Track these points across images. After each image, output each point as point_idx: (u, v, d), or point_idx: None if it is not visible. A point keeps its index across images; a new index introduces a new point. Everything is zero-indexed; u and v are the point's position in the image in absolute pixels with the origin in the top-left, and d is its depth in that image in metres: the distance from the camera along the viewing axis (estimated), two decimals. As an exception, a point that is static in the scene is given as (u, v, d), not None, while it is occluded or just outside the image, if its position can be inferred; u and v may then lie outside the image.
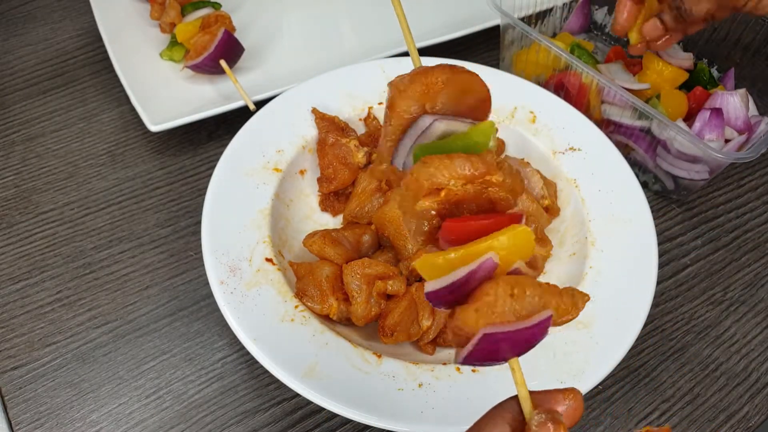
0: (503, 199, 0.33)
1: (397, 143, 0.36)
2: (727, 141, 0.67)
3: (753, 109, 0.70)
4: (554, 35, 0.84)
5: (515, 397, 0.32)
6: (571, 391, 0.31)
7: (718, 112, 0.66)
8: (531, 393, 0.31)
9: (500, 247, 0.31)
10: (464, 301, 0.31)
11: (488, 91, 0.36)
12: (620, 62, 0.74)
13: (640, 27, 0.67)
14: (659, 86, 0.71)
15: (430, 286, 0.32)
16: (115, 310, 0.59)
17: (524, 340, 0.30)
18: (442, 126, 0.34)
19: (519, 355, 0.31)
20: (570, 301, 0.31)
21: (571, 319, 0.31)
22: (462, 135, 0.34)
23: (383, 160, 0.38)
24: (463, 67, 0.35)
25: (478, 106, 0.36)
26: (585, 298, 0.31)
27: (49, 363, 0.56)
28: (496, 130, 0.35)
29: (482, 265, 0.30)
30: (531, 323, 0.30)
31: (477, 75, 0.35)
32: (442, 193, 0.32)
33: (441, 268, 0.31)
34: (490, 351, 0.30)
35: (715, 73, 0.76)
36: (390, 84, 0.36)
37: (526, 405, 0.31)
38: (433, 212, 0.32)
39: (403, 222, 0.35)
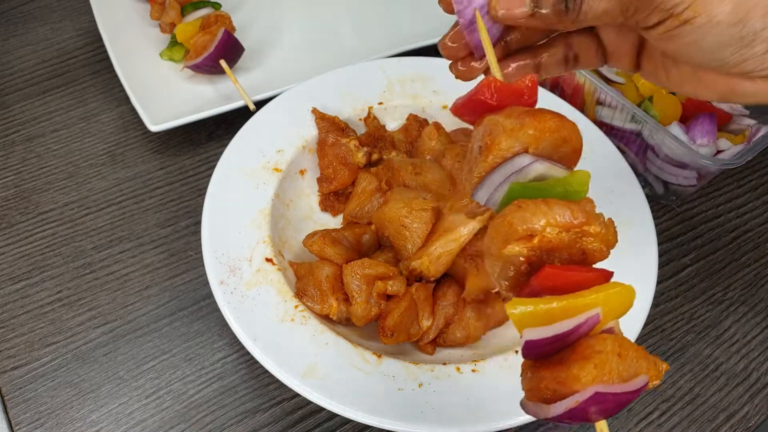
0: (597, 251, 0.32)
1: (484, 177, 0.34)
2: (719, 152, 0.66)
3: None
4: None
5: None
6: None
7: (710, 117, 0.66)
8: None
9: (604, 303, 0.30)
10: (560, 354, 0.30)
11: (582, 142, 0.35)
12: None
13: None
14: (656, 87, 0.71)
15: (531, 334, 0.30)
16: (115, 310, 0.59)
17: (622, 403, 0.29)
18: (540, 168, 0.33)
19: (608, 417, 0.30)
20: (655, 368, 0.30)
21: (654, 386, 0.30)
22: (561, 180, 0.33)
23: (465, 193, 0.36)
24: (566, 118, 0.34)
25: (571, 155, 0.35)
26: (665, 366, 0.31)
27: (49, 363, 0.56)
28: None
29: (588, 320, 0.29)
30: (632, 387, 0.29)
31: (577, 126, 0.34)
32: (536, 240, 0.30)
33: (539, 317, 0.30)
34: (590, 410, 0.29)
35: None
36: (491, 121, 0.34)
37: None
38: (522, 258, 0.31)
39: (487, 266, 0.33)
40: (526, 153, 0.33)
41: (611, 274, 0.31)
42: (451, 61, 0.43)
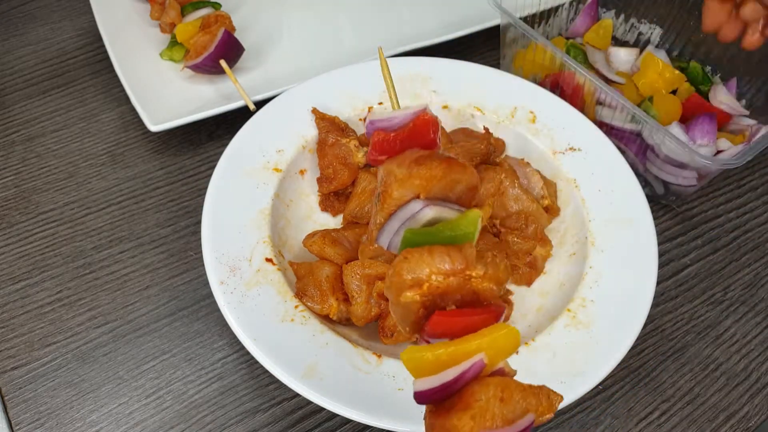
0: (487, 290, 0.33)
1: (384, 224, 0.36)
2: (719, 152, 0.66)
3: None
4: (560, 36, 0.84)
5: None
6: None
7: (710, 117, 0.66)
8: None
9: (488, 347, 0.31)
10: (451, 400, 0.31)
11: (478, 180, 0.37)
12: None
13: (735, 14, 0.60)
14: (656, 87, 0.71)
15: (420, 385, 0.32)
16: (115, 310, 0.59)
17: None
18: (431, 213, 0.35)
19: None
20: (546, 402, 0.31)
21: (547, 420, 0.31)
22: (450, 223, 0.35)
23: (372, 239, 0.38)
24: (455, 159, 0.35)
25: (466, 194, 0.37)
26: (559, 398, 0.32)
27: (49, 363, 0.56)
28: (484, 216, 0.36)
29: (473, 366, 0.31)
30: (517, 428, 0.30)
31: (470, 166, 0.36)
32: (425, 287, 0.32)
33: (429, 364, 0.31)
34: None
35: (709, 74, 0.76)
36: (386, 170, 0.36)
37: None
38: (417, 303, 0.33)
39: (390, 309, 0.35)
40: (418, 199, 0.35)
41: (502, 311, 0.33)
42: None
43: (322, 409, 0.53)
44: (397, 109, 0.38)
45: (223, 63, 0.72)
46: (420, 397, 0.32)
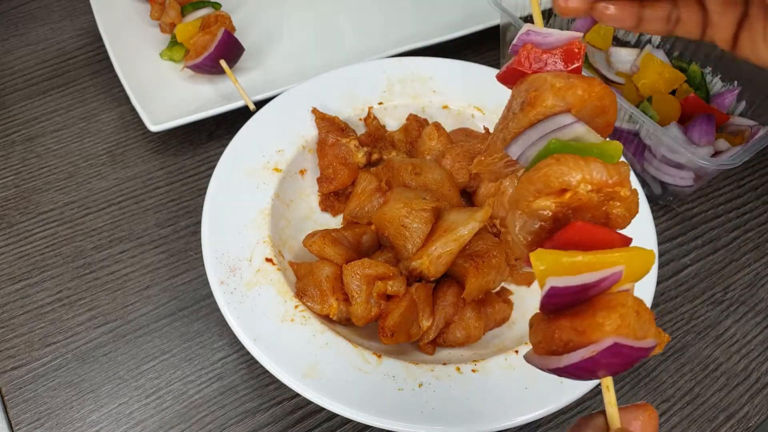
0: (620, 217, 0.31)
1: (520, 133, 0.34)
2: (717, 153, 0.66)
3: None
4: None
5: (601, 413, 0.31)
6: (646, 407, 0.30)
7: (709, 118, 0.65)
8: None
9: (627, 262, 0.30)
10: (580, 306, 0.30)
11: (617, 115, 0.35)
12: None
13: None
14: (656, 88, 0.71)
15: (556, 281, 0.30)
16: (115, 310, 0.59)
17: (631, 360, 0.29)
18: (580, 130, 0.32)
19: (615, 374, 0.30)
20: (659, 336, 0.30)
21: (656, 353, 0.30)
22: (597, 144, 0.33)
23: (495, 149, 0.35)
24: (611, 89, 0.34)
25: (604, 127, 0.35)
26: (667, 337, 0.31)
27: (49, 363, 0.56)
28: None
29: (611, 276, 0.29)
30: (644, 345, 0.29)
31: (616, 97, 0.34)
32: (567, 195, 0.30)
33: (564, 268, 0.29)
34: (602, 363, 0.29)
35: (708, 76, 0.76)
36: (539, 78, 0.33)
37: (614, 422, 0.30)
38: (549, 213, 0.30)
39: (508, 219, 0.32)
40: (569, 113, 0.33)
41: (631, 239, 0.31)
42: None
43: (322, 409, 0.53)
44: (542, 26, 0.36)
45: (223, 63, 0.72)
46: (553, 294, 0.30)
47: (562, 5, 0.43)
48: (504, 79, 0.37)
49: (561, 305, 0.31)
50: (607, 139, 0.34)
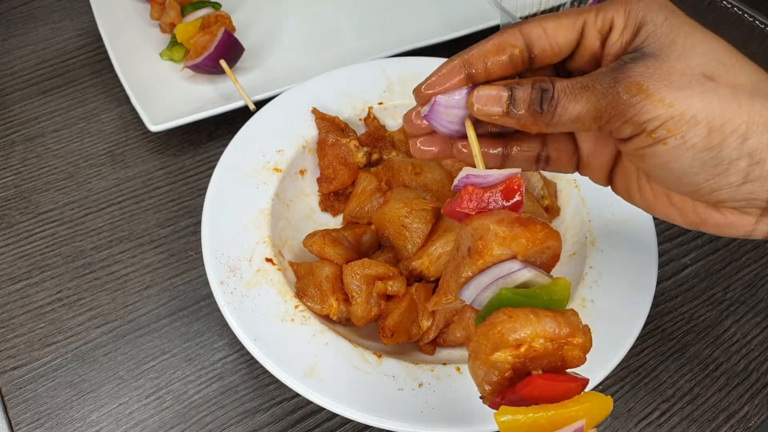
0: (576, 358, 0.33)
1: (471, 278, 0.35)
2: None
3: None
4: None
5: None
6: None
7: None
8: None
9: (587, 414, 0.31)
10: None
11: (560, 249, 0.36)
12: None
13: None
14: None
15: None
16: (115, 310, 0.59)
17: None
18: (527, 275, 0.34)
19: None
20: None
21: None
22: (545, 287, 0.34)
23: (449, 290, 0.37)
24: (550, 226, 0.35)
25: (550, 261, 0.37)
26: None
27: (49, 363, 0.56)
28: None
29: (574, 431, 0.30)
30: None
31: (559, 234, 0.36)
32: (523, 348, 0.32)
33: (527, 427, 0.31)
34: None
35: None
36: (482, 225, 0.35)
37: None
38: (507, 365, 0.32)
39: (470, 368, 0.35)
40: (515, 259, 0.35)
41: (587, 381, 0.33)
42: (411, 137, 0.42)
43: (322, 409, 0.53)
44: (482, 168, 0.37)
45: (223, 63, 0.72)
46: None
47: (417, 155, 0.42)
48: (449, 214, 0.38)
49: None
50: (553, 276, 0.35)
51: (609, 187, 0.42)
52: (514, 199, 0.36)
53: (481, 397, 0.35)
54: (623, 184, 0.41)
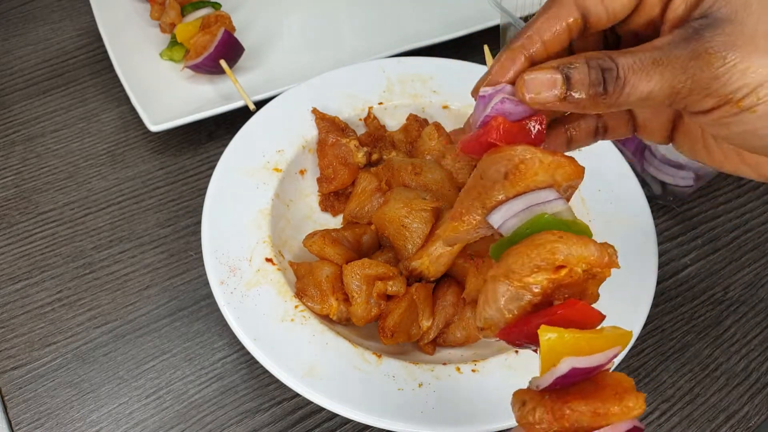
0: (593, 295, 0.33)
1: (504, 202, 0.34)
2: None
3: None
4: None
5: None
6: None
7: None
8: None
9: (617, 341, 0.31)
10: (582, 385, 0.30)
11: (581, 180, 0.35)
12: None
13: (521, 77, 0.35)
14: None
15: (578, 362, 0.30)
16: (115, 310, 0.59)
17: None
18: (560, 206, 0.33)
19: None
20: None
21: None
22: (576, 222, 0.33)
23: (471, 213, 0.35)
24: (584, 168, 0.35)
25: (568, 198, 0.36)
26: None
27: (49, 363, 0.56)
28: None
29: (612, 356, 0.30)
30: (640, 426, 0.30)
31: (582, 167, 0.34)
32: (563, 272, 0.30)
33: (579, 348, 0.30)
34: None
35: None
36: (527, 150, 0.33)
37: None
38: (539, 288, 0.31)
39: (490, 290, 0.33)
40: (552, 188, 0.34)
41: (605, 317, 0.32)
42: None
43: (322, 409, 0.53)
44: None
45: (223, 63, 0.72)
46: (570, 376, 0.30)
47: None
48: (468, 148, 0.37)
49: (568, 384, 0.30)
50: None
51: (670, 144, 0.40)
52: (539, 127, 0.35)
53: (482, 329, 0.33)
54: (687, 144, 0.39)
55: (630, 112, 0.40)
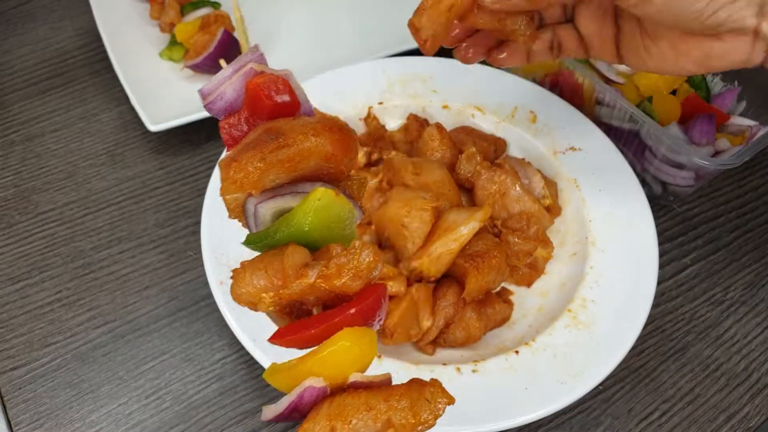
0: (346, 287, 0.29)
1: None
2: (718, 152, 0.66)
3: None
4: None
5: None
6: None
7: (709, 118, 0.65)
8: None
9: (321, 368, 0.28)
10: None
11: (338, 141, 0.31)
12: None
13: None
14: (657, 87, 0.71)
15: (269, 412, 0.29)
16: (114, 310, 0.59)
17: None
18: (271, 206, 0.30)
19: None
20: (415, 410, 0.27)
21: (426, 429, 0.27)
22: (286, 218, 0.30)
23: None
24: (284, 139, 0.30)
25: (333, 161, 0.31)
26: (445, 401, 0.27)
27: (49, 363, 0.56)
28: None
29: (305, 393, 0.28)
30: None
31: (321, 135, 0.30)
32: (267, 299, 0.30)
33: (288, 378, 0.28)
34: None
35: (708, 76, 0.75)
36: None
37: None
38: (275, 311, 0.30)
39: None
40: (252, 197, 0.32)
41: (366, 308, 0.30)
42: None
43: (322, 409, 0.53)
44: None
45: (222, 63, 0.72)
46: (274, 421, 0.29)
47: (463, 61, 0.49)
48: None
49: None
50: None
51: (623, 64, 0.47)
52: (280, 98, 0.32)
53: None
54: (632, 55, 0.46)
55: (577, 30, 0.47)
